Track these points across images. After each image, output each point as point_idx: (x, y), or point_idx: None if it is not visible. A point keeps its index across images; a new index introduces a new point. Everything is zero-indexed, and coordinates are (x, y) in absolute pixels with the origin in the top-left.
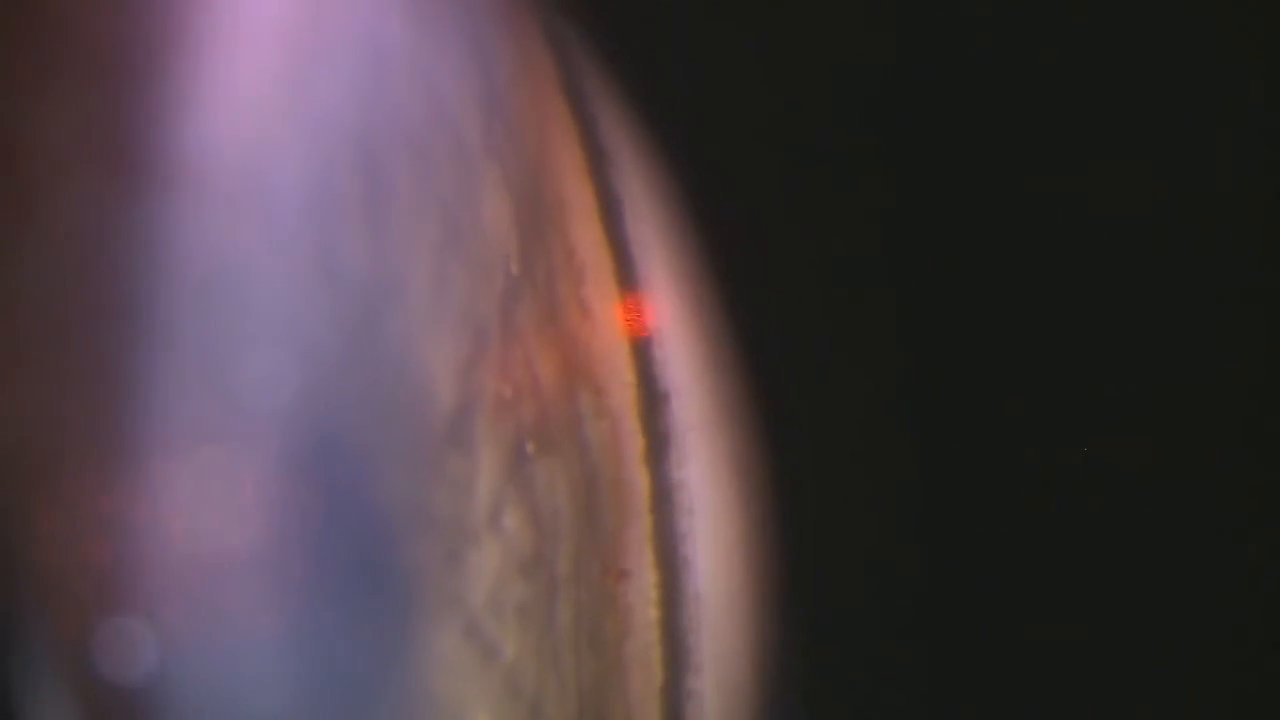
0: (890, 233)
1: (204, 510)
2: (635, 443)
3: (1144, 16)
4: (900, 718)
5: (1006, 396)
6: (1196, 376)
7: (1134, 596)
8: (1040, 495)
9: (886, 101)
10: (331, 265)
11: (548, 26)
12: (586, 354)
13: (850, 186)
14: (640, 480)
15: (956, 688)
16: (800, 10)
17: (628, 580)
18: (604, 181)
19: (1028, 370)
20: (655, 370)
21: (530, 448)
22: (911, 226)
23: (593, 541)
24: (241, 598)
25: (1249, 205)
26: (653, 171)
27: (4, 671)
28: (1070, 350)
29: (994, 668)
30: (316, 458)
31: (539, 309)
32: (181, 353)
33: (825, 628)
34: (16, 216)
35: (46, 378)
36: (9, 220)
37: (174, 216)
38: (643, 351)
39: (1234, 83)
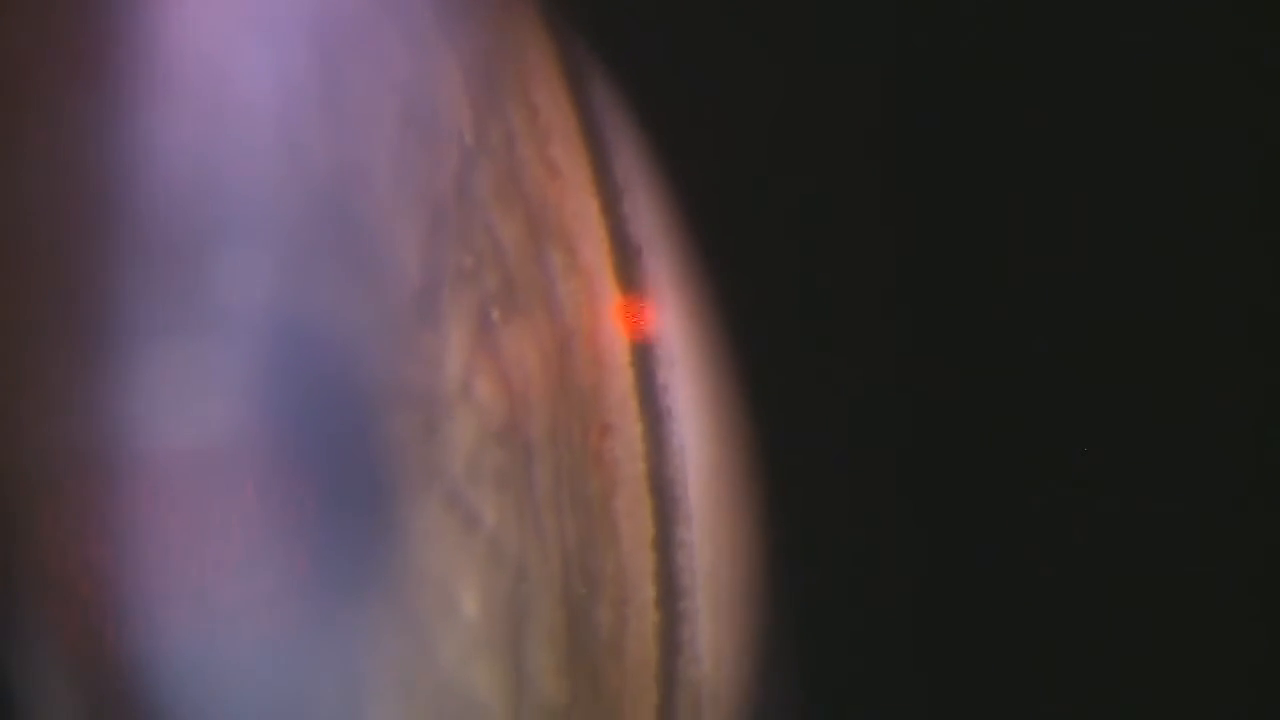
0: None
1: (185, 406)
2: (611, 297)
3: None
4: (886, 566)
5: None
6: (1196, 377)
7: (1131, 595)
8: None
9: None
10: (295, 160)
11: None
12: (557, 213)
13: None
14: (619, 334)
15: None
16: None
17: (611, 435)
18: (567, 42)
19: (1026, 362)
20: (627, 225)
21: (496, 315)
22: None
23: (569, 401)
24: (226, 496)
25: (1249, 209)
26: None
27: (4, 671)
28: (1069, 346)
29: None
30: (293, 348)
31: (498, 175)
32: (157, 255)
33: (809, 474)
34: None
35: (23, 293)
36: None
37: (142, 125)
38: (614, 207)
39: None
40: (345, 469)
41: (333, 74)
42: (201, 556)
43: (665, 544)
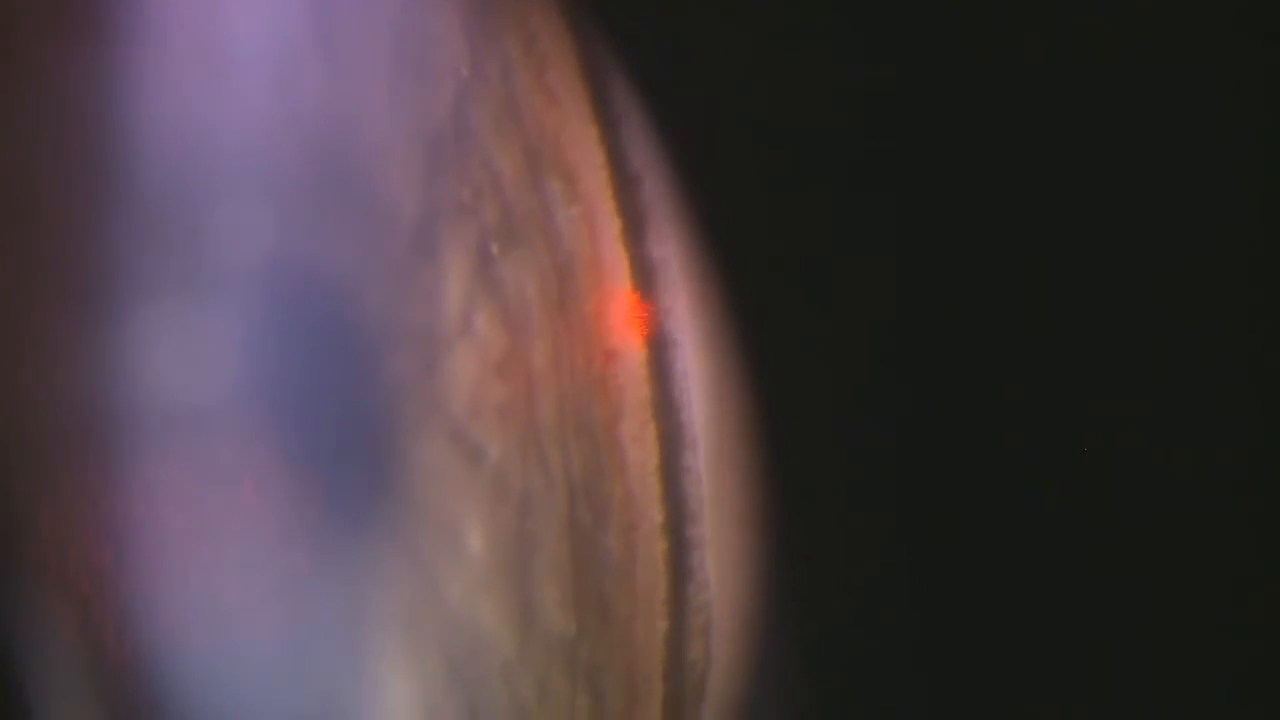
0: None
1: (188, 358)
2: (612, 224)
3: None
4: (888, 495)
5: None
6: (1195, 378)
7: (1131, 593)
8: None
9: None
10: (289, 101)
11: None
12: (555, 141)
13: None
14: (620, 260)
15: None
16: None
17: (616, 361)
18: None
19: (1027, 363)
20: (626, 151)
21: (495, 248)
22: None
23: (571, 329)
24: (232, 445)
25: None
26: None
27: (8, 672)
28: (1071, 350)
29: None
30: (294, 292)
31: (494, 106)
32: (154, 210)
33: (811, 399)
34: None
35: (20, 260)
36: None
37: (134, 77)
38: (612, 133)
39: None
40: (348, 411)
41: (324, 11)
42: (208, 506)
43: (672, 470)
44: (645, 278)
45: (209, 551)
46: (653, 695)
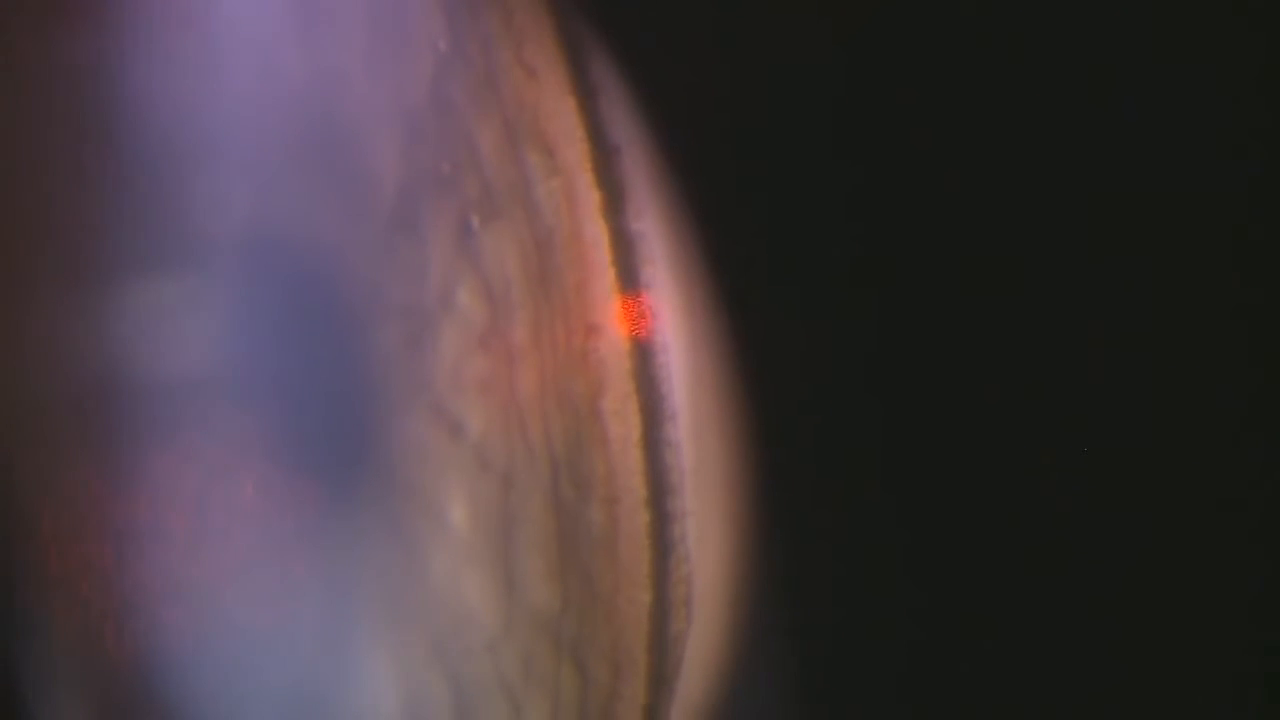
0: None
1: (171, 334)
2: (591, 197)
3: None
4: (869, 469)
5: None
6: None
7: (1127, 593)
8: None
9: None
10: (269, 77)
11: None
12: (534, 115)
13: None
14: (600, 233)
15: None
16: None
17: (598, 335)
18: None
19: (1025, 360)
20: (604, 123)
21: (475, 221)
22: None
23: (551, 303)
24: (214, 420)
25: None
26: None
27: (8, 672)
28: (1072, 350)
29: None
30: (276, 268)
31: (474, 80)
32: (140, 186)
33: (788, 370)
34: None
35: (13, 220)
36: None
37: (124, 53)
38: (590, 106)
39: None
40: (331, 387)
41: None
42: (198, 487)
43: (654, 443)
44: (625, 251)
45: (199, 536)
46: (636, 668)
